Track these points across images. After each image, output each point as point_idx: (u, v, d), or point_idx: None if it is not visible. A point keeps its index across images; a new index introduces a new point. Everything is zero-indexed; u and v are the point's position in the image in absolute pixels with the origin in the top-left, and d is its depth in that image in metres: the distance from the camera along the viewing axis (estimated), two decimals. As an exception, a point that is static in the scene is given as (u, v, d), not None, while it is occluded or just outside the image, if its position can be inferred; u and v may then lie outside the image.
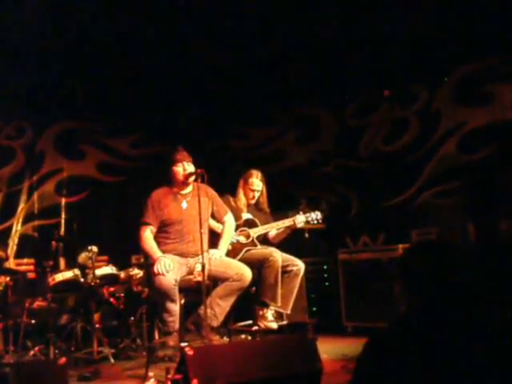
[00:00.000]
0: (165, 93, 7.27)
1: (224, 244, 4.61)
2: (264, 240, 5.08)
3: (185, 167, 4.53)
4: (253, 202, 5.13)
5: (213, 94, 7.36)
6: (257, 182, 5.11)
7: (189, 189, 4.62)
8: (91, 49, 6.43)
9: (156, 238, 4.51)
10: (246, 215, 5.08)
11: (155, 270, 4.17)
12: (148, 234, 4.46)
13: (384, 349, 1.79)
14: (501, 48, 5.75)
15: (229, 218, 4.74)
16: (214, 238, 4.63)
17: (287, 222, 4.98)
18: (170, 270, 4.18)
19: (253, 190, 5.10)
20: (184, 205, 4.56)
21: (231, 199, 5.11)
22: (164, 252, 4.38)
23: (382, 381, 1.74)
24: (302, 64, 6.83)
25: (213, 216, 4.68)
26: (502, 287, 4.44)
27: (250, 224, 5.02)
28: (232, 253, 4.78)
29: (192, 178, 4.50)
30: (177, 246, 4.47)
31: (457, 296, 1.77)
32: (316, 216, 5.03)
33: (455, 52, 6.04)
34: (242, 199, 5.11)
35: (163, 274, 4.15)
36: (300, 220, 4.94)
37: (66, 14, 5.90)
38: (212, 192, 4.66)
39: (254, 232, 4.97)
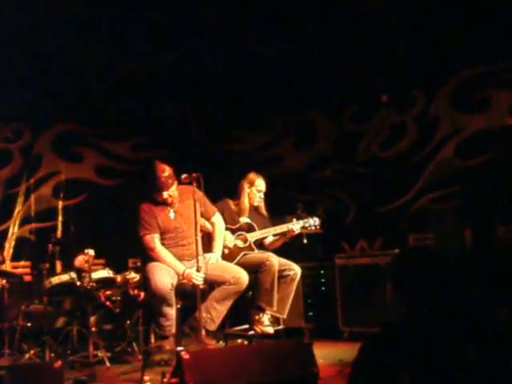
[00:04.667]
0: (164, 97, 7.27)
1: (218, 246, 4.61)
2: (260, 246, 5.07)
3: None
4: (257, 204, 5.11)
5: (212, 98, 7.36)
6: (263, 183, 5.11)
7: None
8: (91, 50, 6.43)
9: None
10: (244, 219, 5.07)
11: (195, 283, 4.17)
12: (160, 246, 4.42)
13: (377, 353, 1.79)
14: (499, 54, 5.77)
15: (217, 218, 4.73)
16: (207, 239, 4.63)
17: (285, 228, 4.95)
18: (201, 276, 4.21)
19: (259, 191, 5.09)
20: (171, 215, 4.52)
21: (231, 203, 5.11)
22: (160, 256, 4.39)
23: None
24: (301, 69, 6.84)
25: (201, 216, 4.64)
26: (499, 292, 4.44)
27: (248, 228, 5.01)
28: (229, 257, 4.77)
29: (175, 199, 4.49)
30: (171, 250, 4.45)
31: (445, 301, 1.78)
32: (314, 222, 5.00)
33: (453, 58, 6.06)
34: (246, 202, 5.08)
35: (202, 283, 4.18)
36: (297, 226, 4.92)
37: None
38: (198, 193, 4.48)
39: (252, 236, 4.95)
